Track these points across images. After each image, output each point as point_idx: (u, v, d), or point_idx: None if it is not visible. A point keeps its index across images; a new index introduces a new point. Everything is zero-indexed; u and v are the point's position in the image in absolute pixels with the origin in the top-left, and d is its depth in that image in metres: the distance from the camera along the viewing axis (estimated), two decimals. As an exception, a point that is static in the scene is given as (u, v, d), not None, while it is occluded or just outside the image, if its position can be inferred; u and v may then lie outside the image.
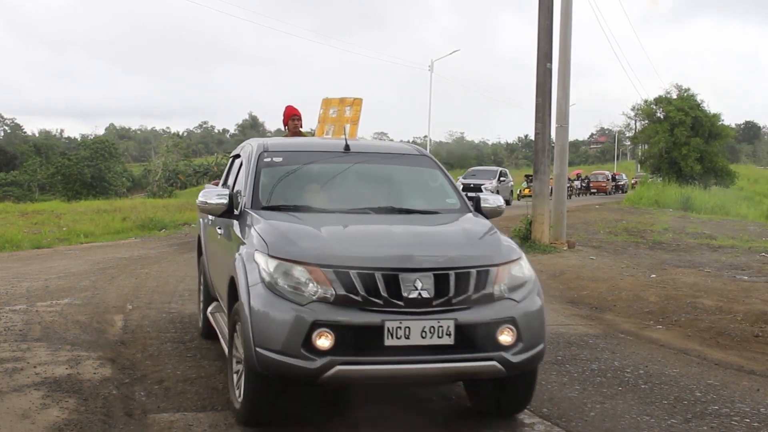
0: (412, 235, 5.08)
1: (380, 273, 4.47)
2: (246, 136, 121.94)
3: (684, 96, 45.56)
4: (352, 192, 5.89)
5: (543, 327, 4.89)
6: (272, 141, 6.50)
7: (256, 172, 5.87)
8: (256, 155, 6.05)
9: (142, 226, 21.43)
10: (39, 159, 66.91)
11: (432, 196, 6.17)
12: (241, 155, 6.70)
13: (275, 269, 4.57)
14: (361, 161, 6.20)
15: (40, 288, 10.50)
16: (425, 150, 6.70)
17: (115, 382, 6.01)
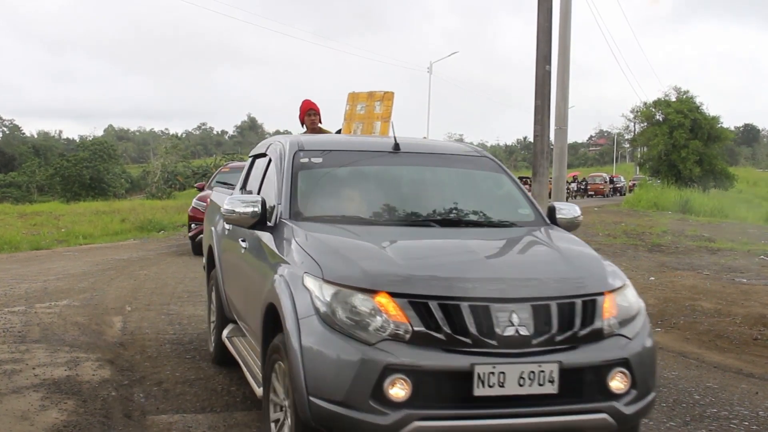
0: (496, 254, 4.31)
1: (468, 304, 3.61)
2: (245, 138, 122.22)
3: (683, 98, 45.63)
4: (408, 200, 4.98)
5: (655, 370, 4.10)
6: (306, 138, 5.59)
7: (292, 175, 4.94)
8: (289, 155, 5.12)
9: (140, 227, 21.45)
10: (38, 160, 66.93)
11: (501, 205, 5.27)
12: (268, 154, 5.69)
13: (333, 298, 3.69)
14: (414, 163, 5.35)
15: (39, 289, 10.50)
16: (485, 151, 5.81)
17: (114, 384, 6.01)
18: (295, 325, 3.74)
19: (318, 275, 3.80)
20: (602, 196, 53.21)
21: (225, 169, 17.01)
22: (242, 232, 5.32)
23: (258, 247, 4.88)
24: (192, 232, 15.23)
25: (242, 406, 5.52)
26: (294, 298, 3.84)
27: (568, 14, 16.35)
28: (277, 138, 5.79)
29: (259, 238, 4.84)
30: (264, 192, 5.36)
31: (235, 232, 5.69)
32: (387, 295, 3.62)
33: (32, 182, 60.30)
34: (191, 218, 15.41)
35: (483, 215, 5.04)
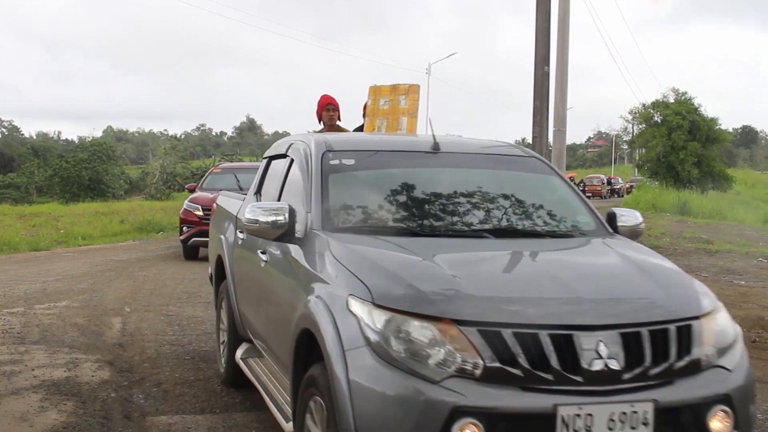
0: (570, 271, 3.66)
1: (547, 332, 3.08)
2: (243, 139, 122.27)
3: (681, 100, 45.67)
4: (454, 207, 4.36)
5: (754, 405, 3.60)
6: (334, 137, 4.99)
7: (321, 179, 4.37)
8: (316, 156, 4.53)
9: (139, 228, 21.45)
10: (37, 161, 66.87)
11: (557, 211, 4.65)
12: (289, 156, 5.11)
13: (386, 326, 3.14)
14: (456, 165, 4.76)
15: (38, 290, 10.50)
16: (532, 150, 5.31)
17: (114, 385, 6.01)
18: (340, 357, 3.17)
19: (366, 298, 3.25)
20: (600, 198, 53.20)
21: (216, 170, 16.66)
22: (261, 243, 4.77)
23: (284, 261, 4.31)
24: (184, 236, 14.57)
25: (241, 407, 5.53)
26: (337, 324, 3.29)
27: (566, 16, 16.37)
28: (300, 137, 5.22)
29: (285, 252, 4.27)
30: (286, 199, 4.77)
31: (251, 242, 5.10)
32: (451, 322, 3.09)
33: (31, 183, 60.28)
34: (183, 221, 14.65)
35: (540, 224, 4.45)
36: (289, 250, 4.21)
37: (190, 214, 14.44)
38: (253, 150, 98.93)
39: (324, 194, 4.27)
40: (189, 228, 14.36)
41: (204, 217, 13.79)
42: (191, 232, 14.28)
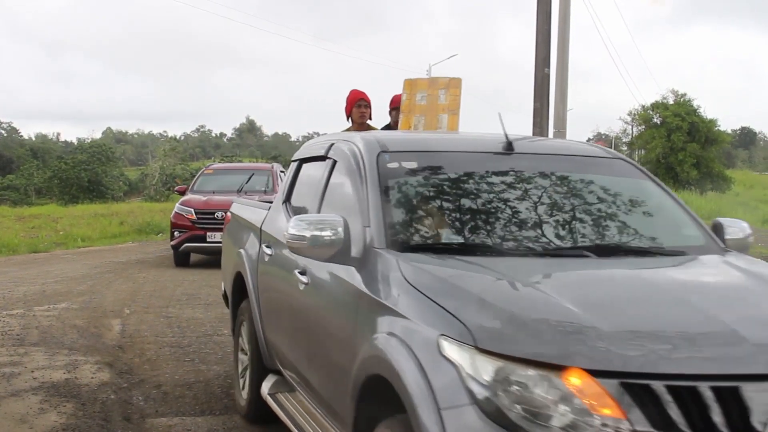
0: (711, 300, 2.90)
1: (708, 384, 2.38)
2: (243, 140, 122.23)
3: (680, 101, 45.70)
4: (543, 219, 3.58)
5: None
6: (388, 136, 4.29)
7: (380, 186, 3.61)
8: (370, 158, 3.78)
9: (139, 230, 21.43)
10: (36, 163, 66.86)
11: (659, 223, 3.94)
12: (330, 158, 4.33)
13: (497, 377, 2.45)
14: (534, 168, 3.92)
15: (38, 292, 10.49)
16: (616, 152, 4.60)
17: (113, 387, 6.00)
18: (434, 417, 2.47)
19: (466, 340, 2.52)
20: None
21: (208, 171, 16.20)
22: (298, 261, 4.03)
23: (334, 285, 3.59)
24: (175, 241, 13.73)
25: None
26: (426, 373, 2.57)
27: (566, 17, 16.37)
28: (342, 136, 4.50)
29: (337, 274, 3.53)
30: (329, 209, 4.07)
31: (283, 260, 4.38)
32: (584, 373, 2.37)
33: (30, 185, 60.26)
34: (174, 225, 13.83)
35: (645, 239, 3.71)
36: (343, 273, 3.44)
37: (181, 218, 13.75)
38: (252, 151, 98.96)
39: (385, 204, 3.50)
40: (181, 233, 13.64)
41: (197, 221, 13.52)
42: (183, 237, 13.59)
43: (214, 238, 12.94)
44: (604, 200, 3.88)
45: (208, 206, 13.74)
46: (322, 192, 4.29)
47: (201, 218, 13.56)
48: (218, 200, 13.71)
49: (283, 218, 4.69)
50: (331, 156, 4.32)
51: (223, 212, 13.24)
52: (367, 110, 7.04)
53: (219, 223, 12.77)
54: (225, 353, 7.11)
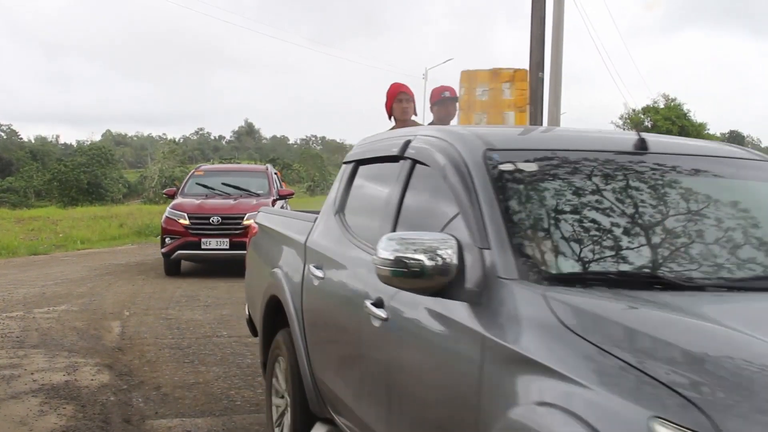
0: None
1: None
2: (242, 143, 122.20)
3: (671, 105, 45.91)
4: (710, 238, 2.69)
5: None
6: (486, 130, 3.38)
7: (497, 194, 2.70)
8: (474, 158, 2.87)
9: (138, 232, 21.44)
10: (35, 165, 66.88)
11: None
12: (409, 158, 3.34)
13: None
14: (676, 172, 3.04)
15: (37, 294, 10.50)
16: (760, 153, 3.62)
17: (113, 389, 6.01)
18: None
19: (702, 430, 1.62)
20: None
21: (198, 172, 15.20)
22: (368, 289, 3.14)
23: (440, 327, 2.64)
24: (166, 248, 12.69)
25: (241, 410, 5.53)
26: None
27: (560, 22, 16.41)
28: (423, 130, 3.53)
29: (441, 312, 2.60)
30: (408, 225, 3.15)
31: (343, 286, 3.52)
32: None
33: (30, 187, 60.27)
34: (165, 231, 12.80)
35: None
36: (453, 311, 2.50)
37: (173, 223, 12.77)
38: (251, 154, 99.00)
39: (507, 219, 2.57)
40: (173, 239, 12.64)
41: (191, 227, 12.67)
42: (175, 244, 12.60)
43: (209, 245, 12.56)
44: (759, 210, 2.97)
45: (203, 210, 12.93)
46: (397, 202, 3.30)
47: (195, 223, 12.72)
48: (213, 204, 13.18)
49: (337, 232, 3.83)
50: (411, 156, 3.33)
51: (219, 217, 12.60)
52: (410, 105, 6.24)
53: (215, 229, 12.64)
54: (224, 354, 7.13)
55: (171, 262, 12.79)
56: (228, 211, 12.84)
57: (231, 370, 6.57)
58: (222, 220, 12.65)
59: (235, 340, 7.76)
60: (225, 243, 12.58)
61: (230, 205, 13.07)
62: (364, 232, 3.56)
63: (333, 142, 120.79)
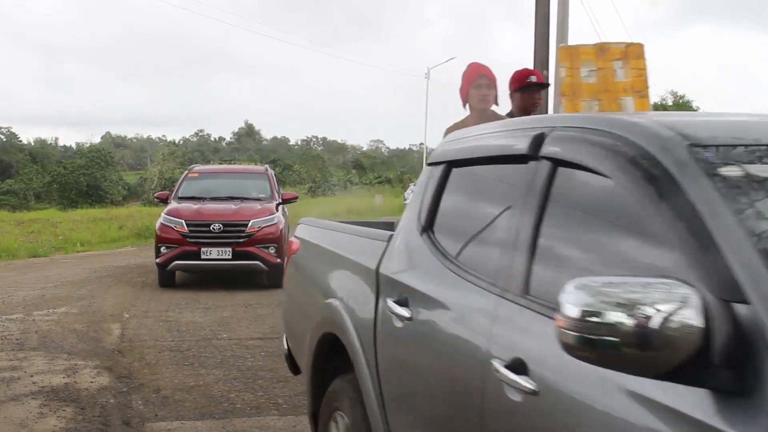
0: None
1: None
2: (242, 144, 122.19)
3: (679, 103, 45.75)
4: None
5: None
6: (673, 118, 2.22)
7: (736, 218, 1.70)
8: (681, 162, 1.87)
9: (138, 234, 21.41)
10: (35, 167, 66.93)
11: None
12: (550, 157, 2.34)
13: None
14: None
15: (37, 297, 10.49)
16: None
17: (113, 391, 6.00)
18: None
19: None
20: None
21: (192, 174, 13.90)
22: (492, 344, 2.24)
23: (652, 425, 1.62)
24: (162, 258, 11.41)
25: (241, 412, 5.52)
26: None
27: (565, 20, 16.38)
28: (565, 119, 2.57)
29: (654, 401, 1.63)
30: (567, 260, 2.22)
31: (451, 338, 2.55)
32: None
33: (29, 190, 60.27)
34: (160, 239, 11.53)
35: None
36: (687, 405, 1.56)
37: (169, 231, 11.52)
38: (251, 155, 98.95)
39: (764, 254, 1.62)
40: (169, 248, 11.39)
41: (189, 235, 11.44)
42: (172, 254, 11.37)
43: (210, 255, 11.41)
44: None
45: (202, 216, 11.68)
46: (533, 222, 2.31)
47: (194, 231, 11.48)
48: (213, 209, 11.95)
49: (427, 258, 2.92)
50: (550, 155, 2.35)
51: (220, 224, 11.43)
52: (491, 92, 5.09)
53: (216, 237, 11.49)
54: (224, 357, 7.11)
55: (166, 273, 11.55)
56: (230, 218, 11.67)
57: (231, 373, 6.55)
58: (224, 228, 11.51)
59: (235, 342, 7.74)
60: (227, 252, 11.45)
61: (232, 211, 11.89)
62: (476, 261, 2.61)
63: (334, 142, 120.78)
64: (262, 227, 11.59)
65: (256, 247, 11.47)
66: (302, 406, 5.66)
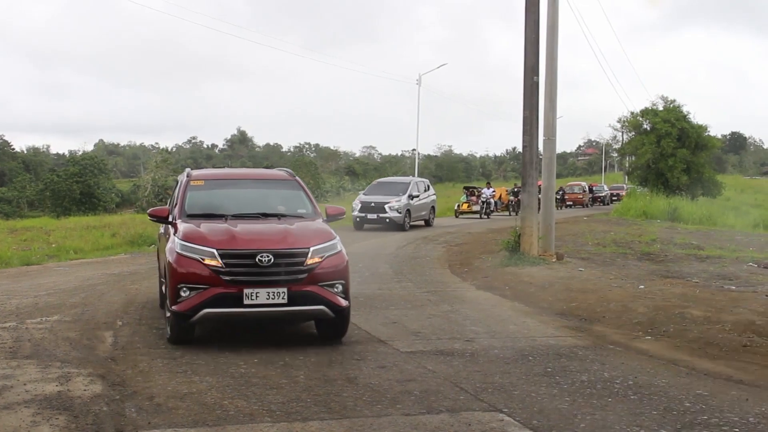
0: None
1: None
2: (235, 151, 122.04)
3: (670, 108, 45.86)
4: None
5: None
6: None
7: None
8: None
9: (131, 242, 21.39)
10: (28, 176, 66.83)
11: None
12: None
13: None
14: None
15: (30, 305, 10.48)
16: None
17: (106, 399, 6.00)
18: None
19: None
20: (581, 206, 51.74)
21: (196, 182, 9.47)
22: None
23: None
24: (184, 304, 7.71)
25: (235, 419, 5.52)
26: None
27: (555, 25, 16.47)
28: None
29: None
30: None
31: None
32: None
33: (22, 197, 60.20)
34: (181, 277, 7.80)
35: None
36: None
37: (194, 265, 7.77)
38: (244, 162, 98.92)
39: None
40: (194, 290, 7.70)
41: (225, 270, 7.68)
42: (200, 299, 7.67)
43: (256, 299, 7.65)
44: None
45: (241, 244, 7.91)
46: None
47: (232, 265, 7.73)
48: (252, 232, 8.18)
49: None
50: None
51: (270, 254, 7.72)
52: None
53: (264, 274, 7.74)
54: (217, 364, 7.11)
55: (188, 326, 7.89)
56: (281, 245, 7.94)
57: (224, 380, 6.57)
58: (274, 259, 7.78)
59: (228, 349, 7.74)
60: (282, 295, 7.70)
61: (280, 235, 8.16)
62: None
63: (327, 149, 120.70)
64: (325, 257, 8.03)
65: (320, 286, 7.91)
66: (295, 412, 5.69)
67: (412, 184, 27.55)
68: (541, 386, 6.53)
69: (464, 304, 10.99)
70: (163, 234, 9.73)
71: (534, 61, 15.49)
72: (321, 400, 5.99)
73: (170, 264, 8.03)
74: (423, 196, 28.00)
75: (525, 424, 5.49)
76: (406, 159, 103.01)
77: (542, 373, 6.98)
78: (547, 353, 7.78)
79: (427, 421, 5.54)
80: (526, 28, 15.61)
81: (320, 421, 5.52)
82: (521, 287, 12.43)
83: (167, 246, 8.38)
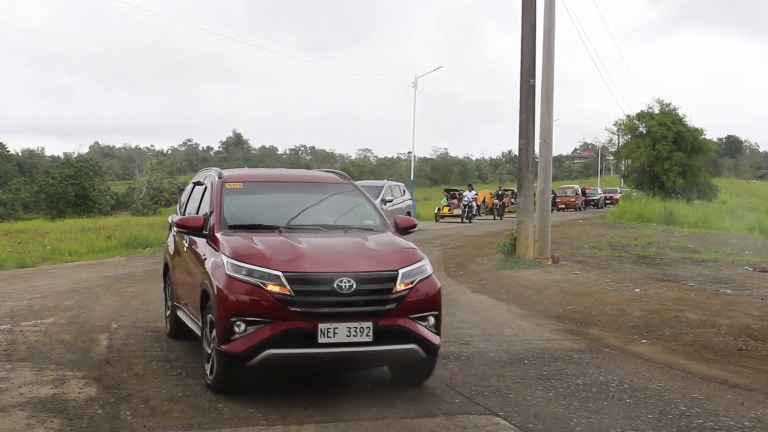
0: None
1: None
2: (230, 154, 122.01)
3: (666, 111, 45.93)
4: None
5: None
6: None
7: None
8: None
9: (126, 244, 21.36)
10: (23, 178, 66.72)
11: None
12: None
13: None
14: None
15: (25, 307, 10.45)
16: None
17: (101, 402, 5.99)
18: None
19: None
20: (574, 210, 51.07)
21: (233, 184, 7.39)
22: None
23: None
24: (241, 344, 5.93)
25: (229, 422, 5.52)
26: None
27: (551, 29, 16.50)
28: None
29: None
30: None
31: None
32: None
33: (17, 200, 60.08)
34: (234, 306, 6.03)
35: None
36: None
37: (251, 291, 6.03)
38: (239, 164, 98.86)
39: None
40: (253, 325, 5.97)
41: (292, 299, 5.96)
42: (262, 337, 5.92)
43: (335, 336, 5.94)
44: None
45: (312, 265, 6.20)
46: None
47: (303, 293, 6.03)
48: (325, 249, 6.57)
49: None
50: None
51: (351, 279, 6.00)
52: None
53: (346, 304, 6.04)
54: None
55: (242, 370, 6.07)
56: (363, 266, 6.26)
57: (220, 382, 6.54)
58: (356, 285, 6.06)
59: (223, 351, 7.72)
60: (366, 331, 6.01)
61: (358, 252, 6.53)
62: None
63: (323, 151, 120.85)
64: (415, 282, 6.32)
65: (410, 319, 6.24)
66: (290, 415, 5.68)
67: (385, 188, 25.55)
68: (537, 389, 6.53)
69: (460, 307, 10.99)
70: (177, 245, 8.33)
71: (530, 64, 15.52)
72: (317, 404, 5.98)
73: (219, 290, 6.16)
74: (397, 201, 25.82)
75: (520, 428, 5.49)
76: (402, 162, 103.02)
77: (538, 376, 6.98)
78: (543, 356, 7.79)
79: (423, 425, 5.54)
80: (522, 31, 15.63)
81: (316, 424, 5.51)
82: (517, 290, 12.43)
83: (210, 266, 6.52)
